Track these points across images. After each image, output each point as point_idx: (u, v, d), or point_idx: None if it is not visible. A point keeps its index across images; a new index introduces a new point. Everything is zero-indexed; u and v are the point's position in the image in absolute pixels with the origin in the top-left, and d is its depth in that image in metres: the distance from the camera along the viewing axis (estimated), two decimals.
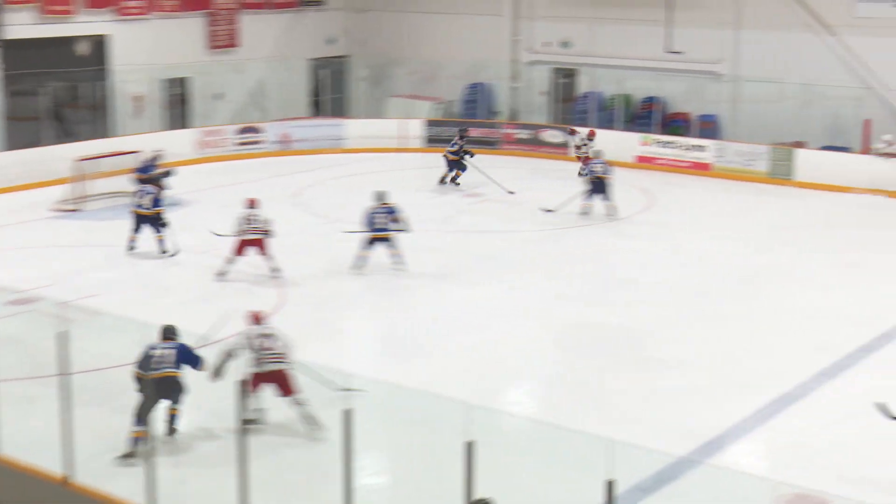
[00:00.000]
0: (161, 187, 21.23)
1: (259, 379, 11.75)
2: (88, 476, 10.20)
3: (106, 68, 29.19)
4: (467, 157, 25.54)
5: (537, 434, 11.48)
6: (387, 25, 34.81)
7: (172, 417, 11.80)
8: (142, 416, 10.65)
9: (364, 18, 35.23)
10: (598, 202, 22.69)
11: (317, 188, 26.12)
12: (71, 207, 23.31)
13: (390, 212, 19.01)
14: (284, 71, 32.57)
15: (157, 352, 11.48)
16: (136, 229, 19.83)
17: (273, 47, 33.21)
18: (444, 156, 25.86)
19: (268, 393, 11.81)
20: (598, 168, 22.63)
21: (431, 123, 31.36)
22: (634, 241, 21.17)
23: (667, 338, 15.79)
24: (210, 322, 13.25)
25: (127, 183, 22.92)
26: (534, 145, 30.25)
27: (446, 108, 33.01)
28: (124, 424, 11.32)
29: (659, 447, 11.25)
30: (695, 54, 29.49)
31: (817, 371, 14.30)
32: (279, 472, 10.99)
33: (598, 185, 22.59)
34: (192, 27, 31.14)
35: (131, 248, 19.93)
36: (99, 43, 29.18)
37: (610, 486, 7.52)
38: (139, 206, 19.78)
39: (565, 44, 31.93)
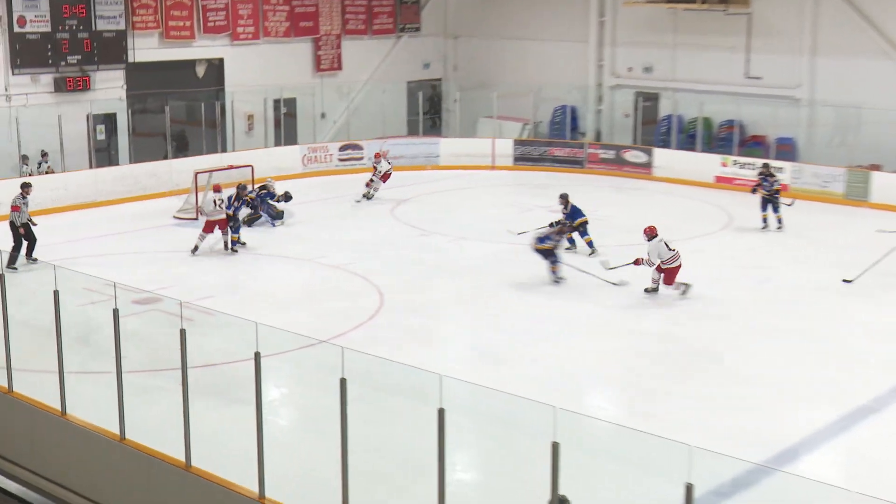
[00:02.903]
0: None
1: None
2: (204, 462, 10.53)
3: (221, 89, 29.83)
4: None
5: (619, 438, 11.47)
6: (479, 51, 35.01)
7: None
8: None
9: (458, 44, 35.49)
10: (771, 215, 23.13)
11: (413, 202, 26.37)
12: (190, 216, 23.88)
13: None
14: (383, 92, 32.94)
15: None
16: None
17: (373, 70, 33.62)
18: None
19: None
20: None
21: (519, 143, 31.48)
22: (710, 258, 20.95)
23: (741, 351, 15.66)
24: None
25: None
26: (617, 164, 30.19)
27: (534, 129, 33.09)
28: (238, 415, 11.63)
29: (733, 454, 11.19)
30: (772, 79, 29.20)
31: (892, 386, 14.11)
32: (376, 465, 11.20)
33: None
34: (299, 51, 31.66)
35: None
36: (215, 65, 29.83)
37: (689, 489, 7.49)
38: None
39: (647, 69, 31.82)
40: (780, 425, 12.89)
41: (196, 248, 20.85)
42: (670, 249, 18.01)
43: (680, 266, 18.04)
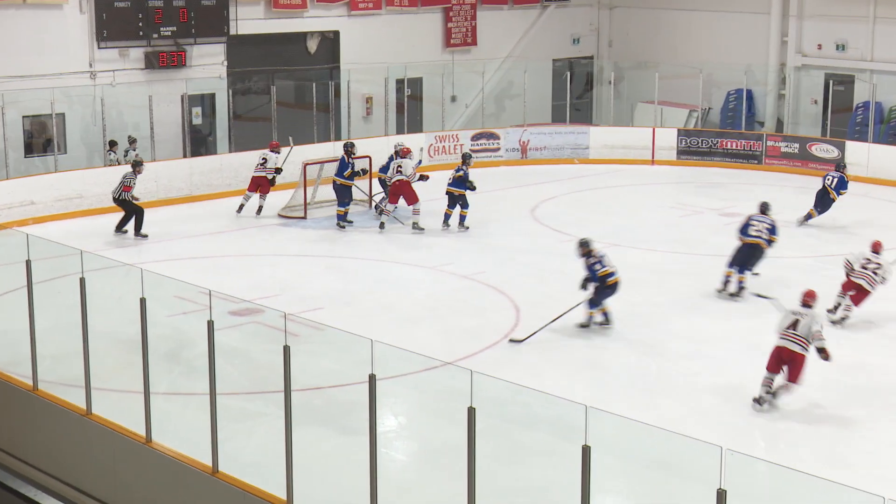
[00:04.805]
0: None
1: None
2: (307, 501, 10.60)
3: (336, 67, 30.17)
4: None
5: (793, 483, 11.26)
6: (638, 23, 34.77)
7: None
8: None
9: (613, 15, 35.31)
10: None
11: (556, 202, 26.30)
12: (297, 214, 24.21)
13: (771, 228, 19.34)
14: (525, 72, 32.90)
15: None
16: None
17: (513, 46, 33.64)
18: None
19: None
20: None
21: (685, 133, 31.11)
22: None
23: None
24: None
25: (354, 191, 23.80)
26: (802, 160, 29.59)
27: (703, 117, 32.68)
28: (347, 447, 11.70)
29: None
30: None
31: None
32: (504, 498, 11.15)
33: None
34: (427, 23, 31.88)
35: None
36: (329, 40, 30.19)
37: None
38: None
39: (841, 46, 31.17)
40: None
41: (241, 207, 24.31)
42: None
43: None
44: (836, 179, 24.00)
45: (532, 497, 11.75)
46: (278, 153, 24.85)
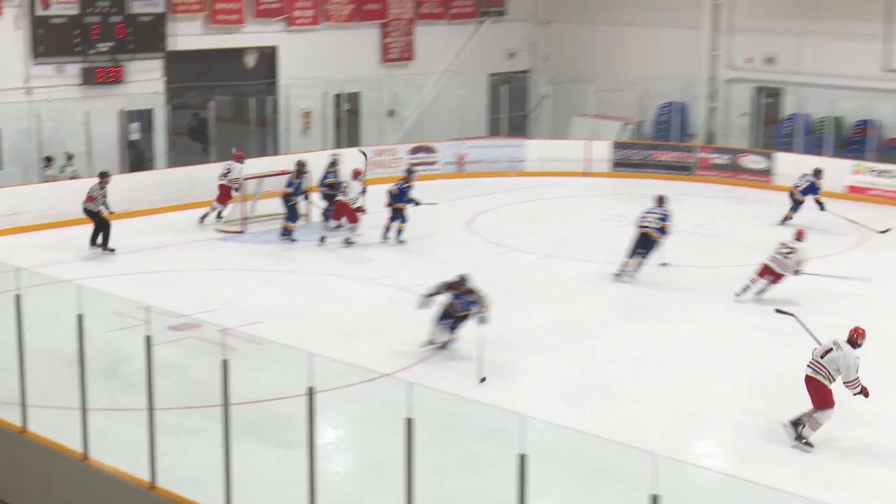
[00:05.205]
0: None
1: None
2: None
3: (274, 82, 30.05)
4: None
5: (729, 491, 11.33)
6: (573, 38, 34.90)
7: None
8: None
9: (548, 31, 35.43)
10: None
11: (492, 214, 26.32)
12: (236, 228, 24.07)
13: (663, 218, 20.66)
14: (461, 87, 32.97)
15: None
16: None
17: (451, 61, 33.68)
18: None
19: None
20: None
21: (619, 146, 31.29)
22: (841, 282, 20.52)
23: (882, 391, 15.33)
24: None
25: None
26: (733, 171, 29.85)
27: (636, 130, 32.88)
28: (285, 460, 11.61)
29: None
30: None
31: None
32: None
33: None
34: (364, 39, 31.82)
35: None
36: (268, 55, 30.07)
37: None
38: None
39: (769, 60, 31.48)
40: None
41: (205, 216, 24.55)
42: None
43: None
44: (806, 183, 24.88)
45: (477, 490, 11.73)
46: (242, 164, 24.81)
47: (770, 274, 19.29)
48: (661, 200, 21.13)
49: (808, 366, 13.56)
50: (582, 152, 30.90)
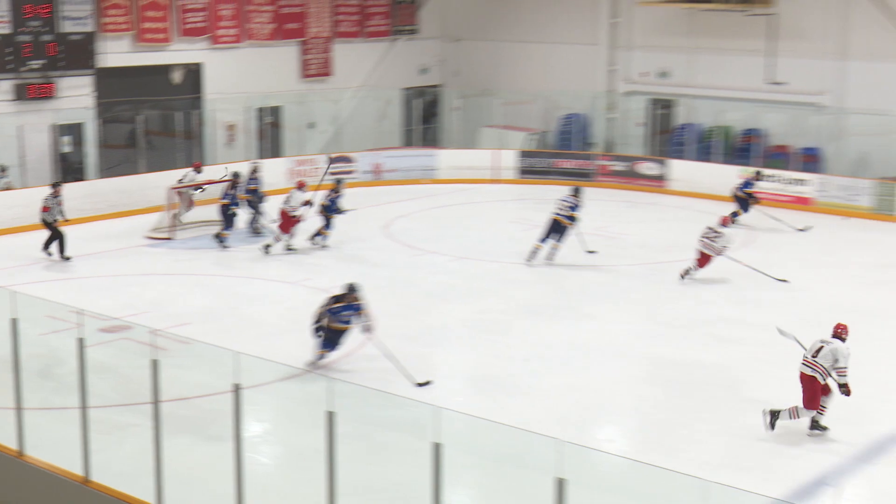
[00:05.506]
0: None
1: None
2: None
3: (199, 97, 29.80)
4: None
5: (629, 473, 11.43)
6: (481, 55, 35.02)
7: None
8: None
9: (458, 48, 35.50)
10: None
11: (407, 219, 26.31)
12: (164, 236, 23.80)
13: (573, 207, 21.54)
14: (377, 100, 32.93)
15: None
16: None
17: (366, 76, 33.61)
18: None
19: None
20: None
21: (525, 154, 31.45)
22: (730, 278, 20.90)
23: (760, 376, 15.63)
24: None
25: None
26: (629, 178, 30.15)
27: (541, 139, 33.07)
28: (214, 453, 11.51)
29: (752, 489, 11.13)
30: (797, 85, 29.21)
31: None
32: (364, 495, 11.07)
33: None
34: (285, 56, 31.65)
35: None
36: (192, 71, 29.80)
37: None
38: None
39: (663, 74, 31.84)
40: (803, 455, 12.94)
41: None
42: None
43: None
44: (743, 182, 25.82)
45: (390, 494, 11.71)
46: (199, 172, 24.67)
47: (702, 256, 20.28)
48: (575, 191, 21.98)
49: (802, 363, 13.44)
50: (490, 161, 31.01)
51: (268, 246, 22.52)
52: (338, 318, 15.28)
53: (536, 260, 21.47)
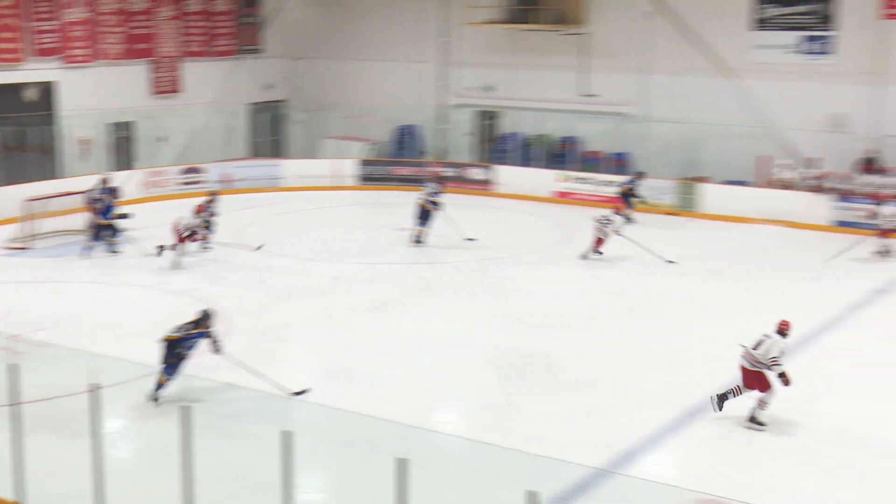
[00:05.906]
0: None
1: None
2: (40, 501, 10.00)
3: (53, 113, 28.80)
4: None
5: (466, 451, 11.47)
6: (321, 72, 34.81)
7: None
8: None
9: (299, 66, 35.20)
10: None
11: (256, 224, 25.94)
12: (20, 245, 22.90)
13: (434, 193, 23.12)
14: (225, 115, 32.41)
15: None
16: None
17: (214, 93, 33.00)
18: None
19: None
20: None
21: (364, 163, 31.37)
22: (551, 272, 21.26)
23: (580, 360, 15.94)
24: None
25: (74, 221, 22.81)
26: (460, 182, 30.33)
27: (378, 149, 33.03)
28: (74, 450, 11.10)
29: (577, 461, 11.29)
30: (608, 97, 29.86)
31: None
32: (223, 494, 10.83)
33: None
34: (135, 74, 30.85)
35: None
36: (46, 89, 28.79)
37: (532, 496, 7.55)
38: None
39: (488, 88, 32.13)
40: (619, 430, 13.15)
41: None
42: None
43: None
44: (627, 180, 26.39)
45: (247, 481, 11.46)
46: (107, 184, 23.47)
47: (597, 240, 21.82)
48: (439, 179, 23.84)
49: (742, 357, 13.30)
50: (331, 169, 30.84)
51: (161, 247, 21.44)
52: (187, 345, 13.68)
53: (417, 242, 23.00)
